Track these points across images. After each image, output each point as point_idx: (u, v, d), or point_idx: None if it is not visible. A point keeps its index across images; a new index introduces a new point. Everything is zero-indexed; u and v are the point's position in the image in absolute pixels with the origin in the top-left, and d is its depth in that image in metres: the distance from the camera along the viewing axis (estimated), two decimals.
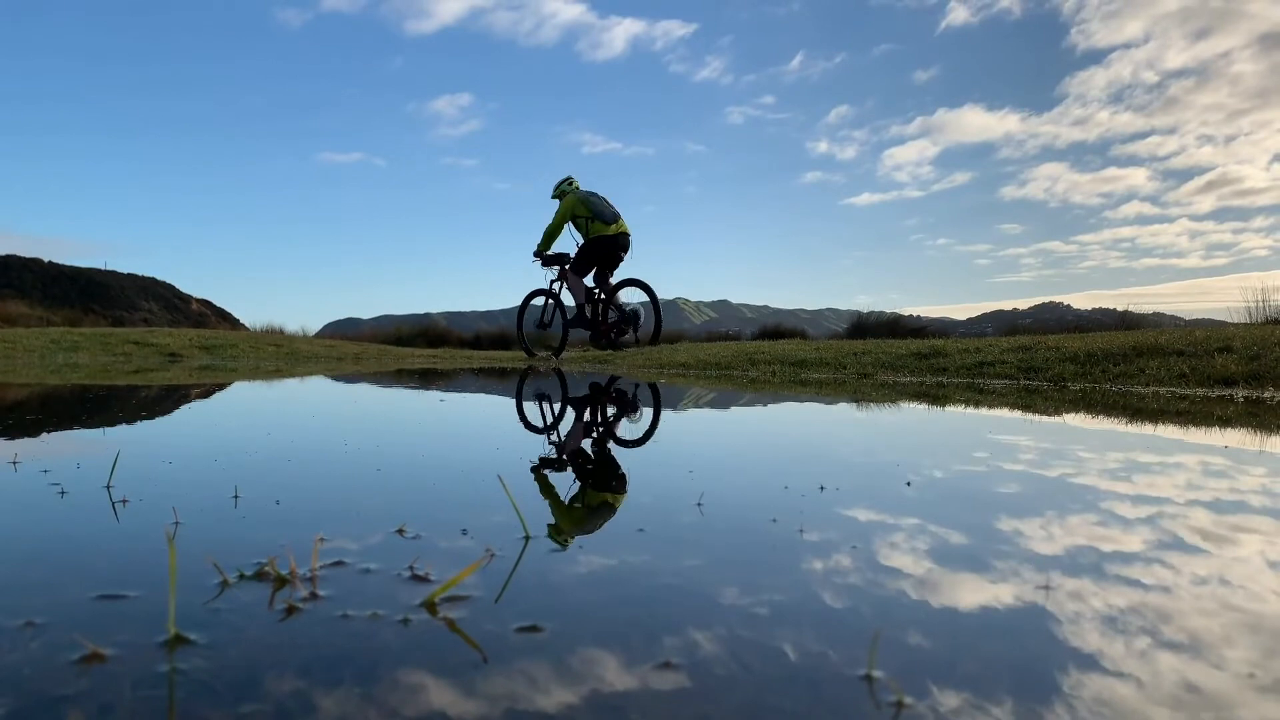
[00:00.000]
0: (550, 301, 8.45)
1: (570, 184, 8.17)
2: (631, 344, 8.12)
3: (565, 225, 8.01)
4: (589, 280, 8.10)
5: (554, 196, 8.26)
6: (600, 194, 7.94)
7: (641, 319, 8.00)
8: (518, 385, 5.02)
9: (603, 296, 8.08)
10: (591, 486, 1.49)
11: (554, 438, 2.30)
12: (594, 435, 2.41)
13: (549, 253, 8.16)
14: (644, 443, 2.20)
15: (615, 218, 7.84)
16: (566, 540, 1.06)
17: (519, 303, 8.91)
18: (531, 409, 3.45)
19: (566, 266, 8.13)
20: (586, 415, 3.18)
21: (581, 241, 7.96)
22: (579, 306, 8.17)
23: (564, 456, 1.88)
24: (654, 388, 4.86)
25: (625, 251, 7.90)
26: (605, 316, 8.07)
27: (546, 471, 1.65)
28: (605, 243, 7.80)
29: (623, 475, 1.61)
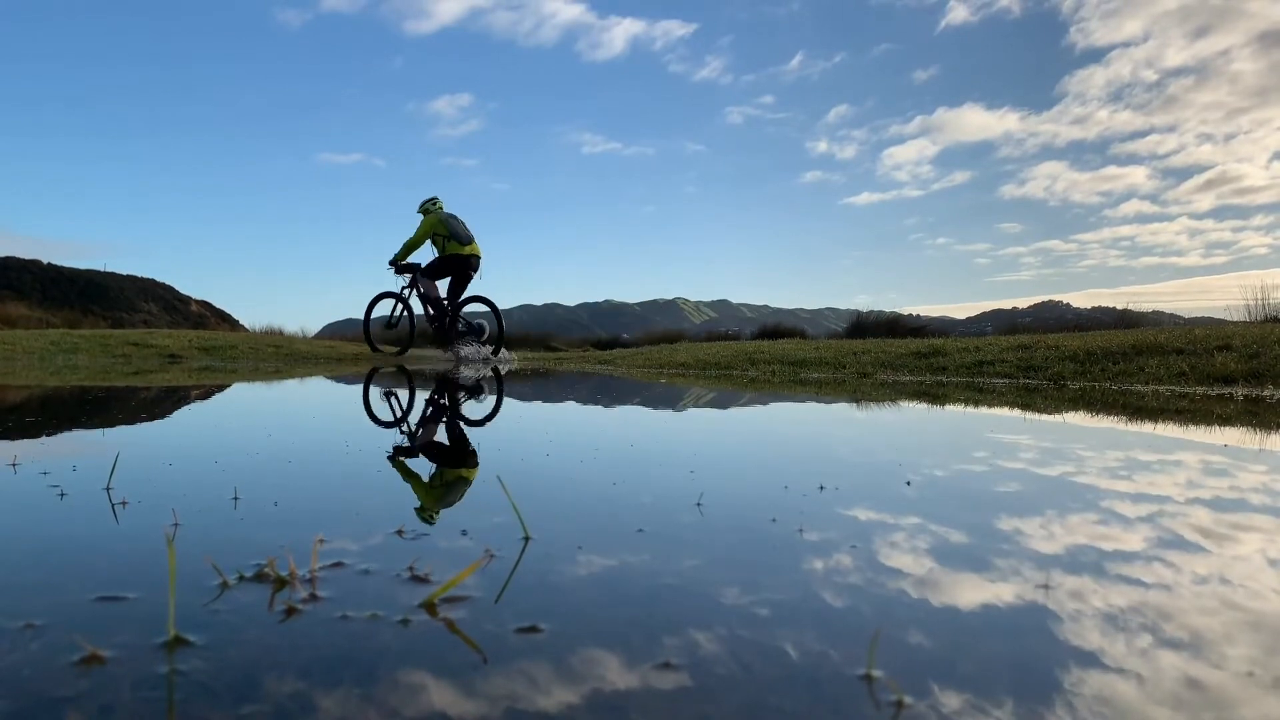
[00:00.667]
0: (399, 305, 9.16)
1: (435, 204, 8.89)
2: (476, 356, 8.90)
3: (425, 240, 8.83)
4: (442, 290, 8.99)
5: (419, 212, 8.94)
6: (459, 217, 8.81)
7: (486, 331, 8.83)
8: (516, 387, 5.02)
9: (452, 309, 8.93)
10: (589, 486, 1.49)
11: (552, 438, 2.29)
12: (589, 433, 2.41)
13: (403, 262, 8.98)
14: (645, 442, 2.20)
15: (470, 240, 8.68)
16: (565, 540, 1.06)
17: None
18: (531, 410, 3.45)
19: (419, 273, 8.94)
20: (582, 415, 3.18)
21: (438, 256, 8.80)
22: (428, 313, 8.99)
23: (556, 455, 1.88)
24: (650, 387, 4.86)
25: (475, 271, 8.79)
26: (454, 327, 8.89)
27: (543, 470, 1.65)
28: (460, 261, 8.66)
29: (622, 475, 1.61)
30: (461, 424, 2.75)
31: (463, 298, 8.91)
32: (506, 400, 3.98)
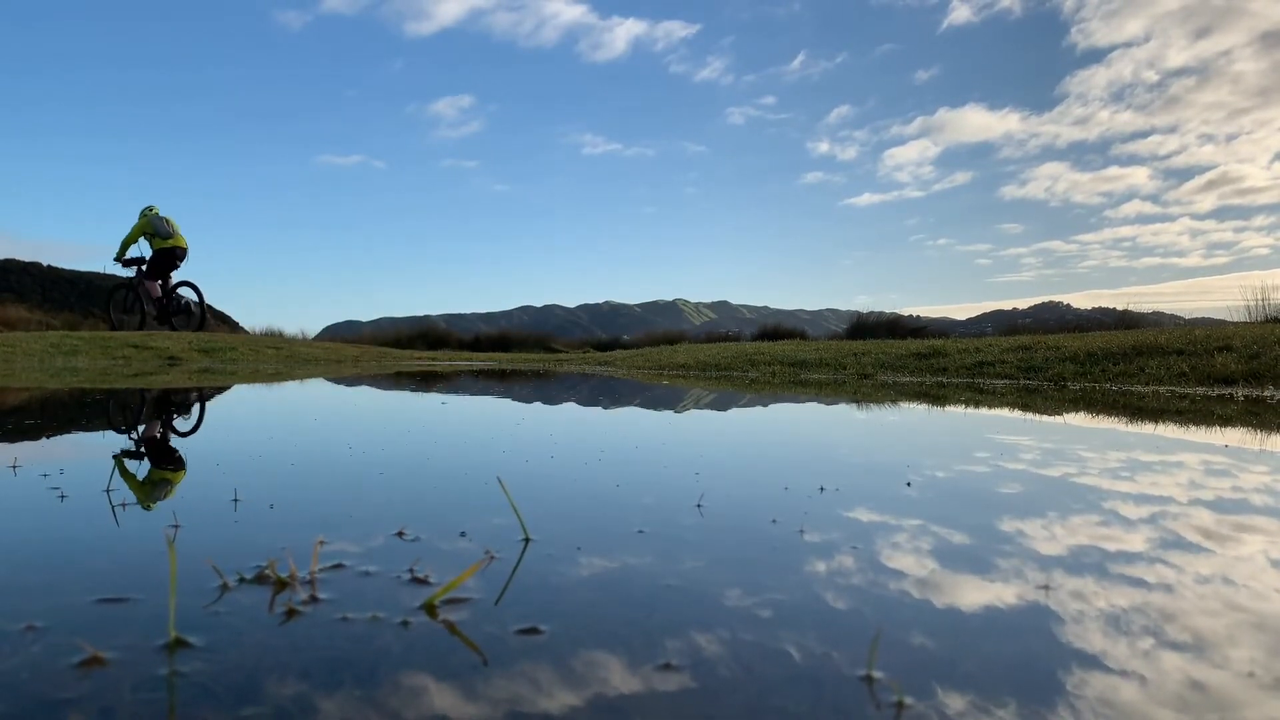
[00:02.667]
0: (130, 292, 11.46)
1: (151, 210, 11.09)
2: (186, 327, 11.23)
3: (139, 238, 11.04)
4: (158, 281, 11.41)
5: (140, 217, 11.12)
6: (168, 218, 11.07)
7: (193, 311, 11.31)
8: (518, 389, 5.02)
9: (168, 291, 11.22)
10: (591, 487, 1.49)
11: (556, 439, 2.29)
12: (591, 435, 2.41)
13: (127, 256, 11.11)
14: (645, 444, 2.20)
15: (170, 235, 10.99)
16: (566, 541, 1.05)
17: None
18: (532, 412, 3.45)
19: (142, 270, 11.19)
20: (583, 417, 3.18)
21: (150, 251, 11.10)
22: (152, 300, 11.30)
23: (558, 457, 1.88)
24: (650, 389, 4.86)
25: (180, 260, 11.14)
26: (169, 306, 11.25)
27: (545, 472, 1.65)
28: (165, 253, 11.00)
29: (623, 476, 1.61)
30: (462, 426, 2.75)
31: (174, 282, 11.22)
32: (508, 403, 3.98)
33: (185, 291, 11.36)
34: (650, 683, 0.63)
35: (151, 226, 10.99)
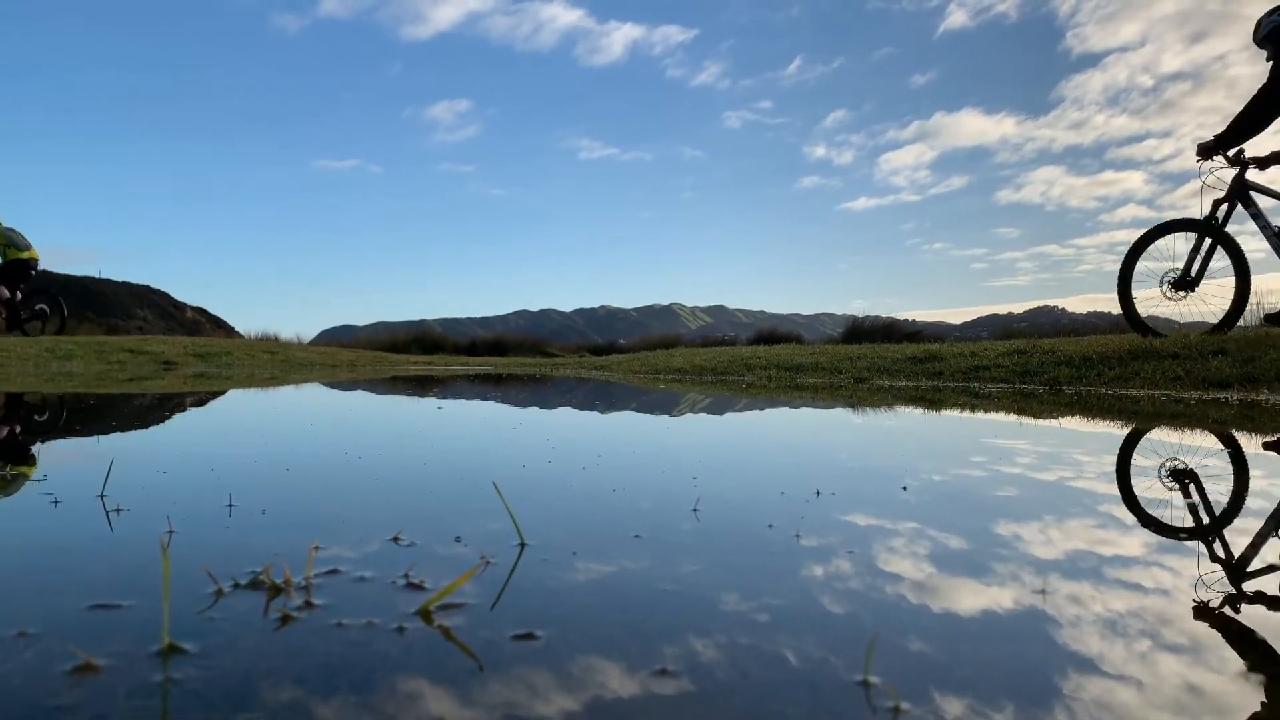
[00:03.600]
0: None
1: None
2: (41, 333, 11.75)
3: None
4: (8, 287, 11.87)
5: None
6: (15, 229, 11.51)
7: (47, 316, 11.89)
8: (514, 393, 5.02)
9: (20, 299, 11.63)
10: (586, 492, 1.48)
11: (553, 443, 2.29)
12: (588, 439, 2.41)
13: None
14: (642, 448, 2.19)
15: (27, 247, 11.47)
16: (562, 546, 1.05)
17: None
18: (528, 416, 3.45)
19: None
20: (580, 420, 3.17)
21: (2, 261, 11.51)
22: (5, 305, 11.79)
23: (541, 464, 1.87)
24: (646, 393, 4.86)
25: (34, 270, 11.64)
26: (23, 315, 11.71)
27: (542, 476, 1.64)
28: (21, 263, 11.40)
29: (620, 481, 1.61)
30: (459, 430, 2.74)
31: (29, 290, 11.66)
32: (504, 407, 3.98)
33: (42, 300, 11.88)
34: (647, 687, 0.63)
35: (6, 238, 11.38)
